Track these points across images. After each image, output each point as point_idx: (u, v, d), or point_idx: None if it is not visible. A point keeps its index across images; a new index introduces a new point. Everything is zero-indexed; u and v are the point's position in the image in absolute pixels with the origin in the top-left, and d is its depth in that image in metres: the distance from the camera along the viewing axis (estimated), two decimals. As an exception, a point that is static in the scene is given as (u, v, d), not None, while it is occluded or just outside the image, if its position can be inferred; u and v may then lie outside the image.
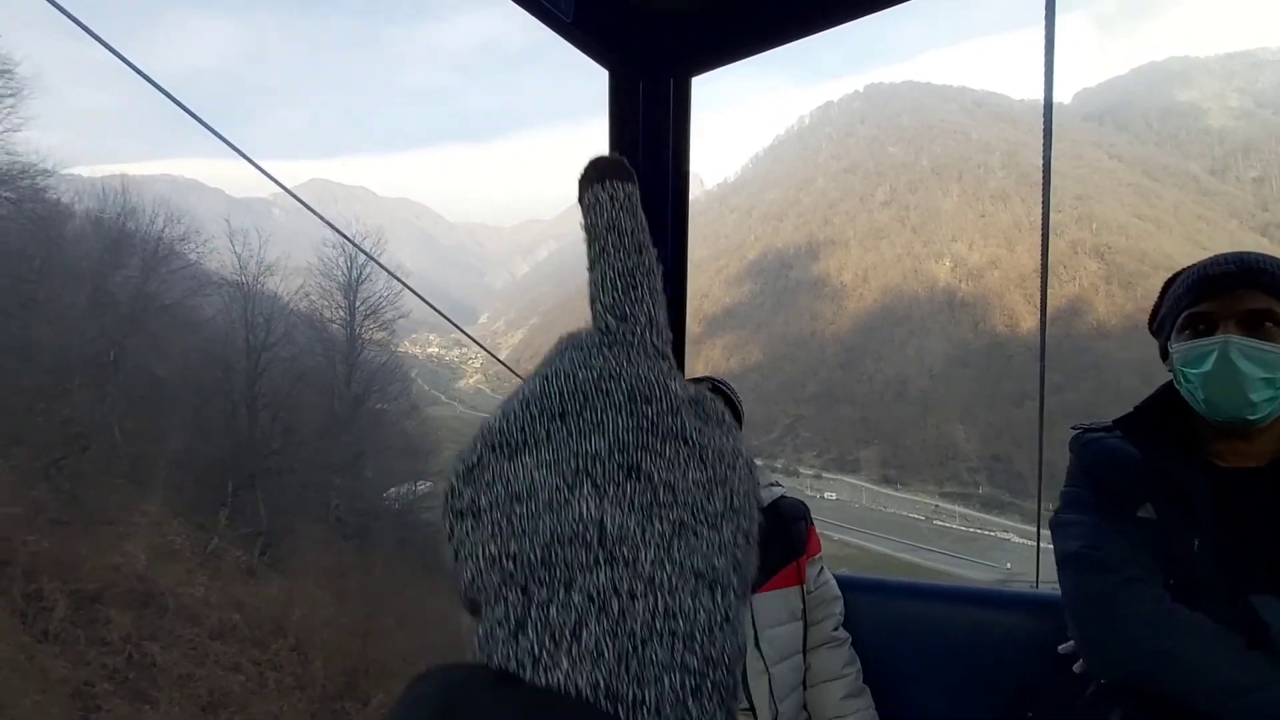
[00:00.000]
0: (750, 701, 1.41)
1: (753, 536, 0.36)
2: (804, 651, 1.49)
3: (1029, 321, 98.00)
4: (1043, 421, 1.76)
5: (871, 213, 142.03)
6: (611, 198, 0.40)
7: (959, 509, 71.39)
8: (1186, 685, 0.91)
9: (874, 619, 1.62)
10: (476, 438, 0.35)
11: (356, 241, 18.05)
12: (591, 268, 0.38)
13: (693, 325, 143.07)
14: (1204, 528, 0.99)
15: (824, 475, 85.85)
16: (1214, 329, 0.98)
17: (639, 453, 0.33)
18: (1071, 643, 1.13)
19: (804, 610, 1.49)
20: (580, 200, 0.40)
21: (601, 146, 1.66)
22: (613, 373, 0.37)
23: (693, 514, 0.31)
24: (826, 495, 75.82)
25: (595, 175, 0.42)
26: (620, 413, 0.35)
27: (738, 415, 1.49)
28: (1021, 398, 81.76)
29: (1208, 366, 0.98)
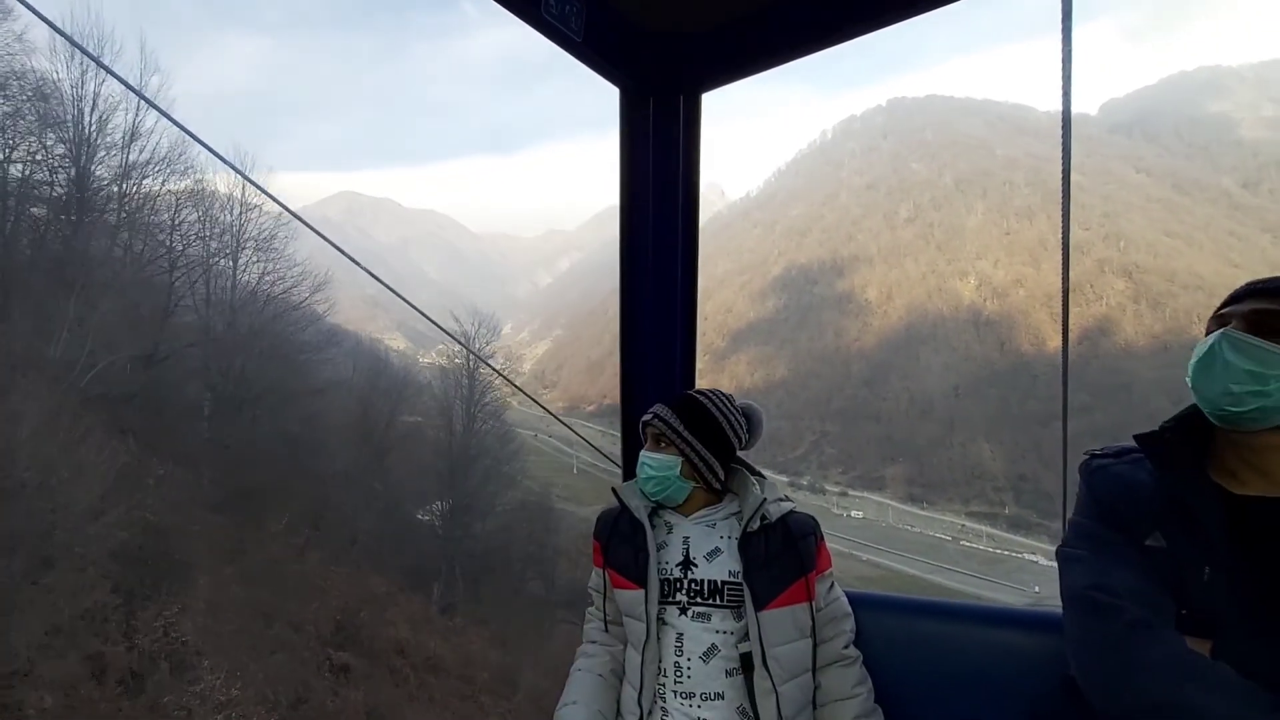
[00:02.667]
0: None
1: None
2: (813, 670, 1.46)
3: (1055, 340, 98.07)
4: (1066, 443, 1.76)
5: (895, 229, 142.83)
6: None
7: (985, 529, 72.05)
8: None
9: (883, 637, 1.63)
10: None
11: (363, 261, 20.82)
12: None
13: (717, 340, 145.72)
14: (1217, 555, 0.97)
15: (850, 493, 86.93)
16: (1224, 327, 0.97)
17: None
18: None
19: (813, 628, 1.46)
20: None
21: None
22: None
23: None
24: (853, 514, 76.96)
25: None
26: None
27: (716, 426, 1.56)
28: (1048, 417, 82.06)
29: (1200, 355, 0.99)
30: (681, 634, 1.46)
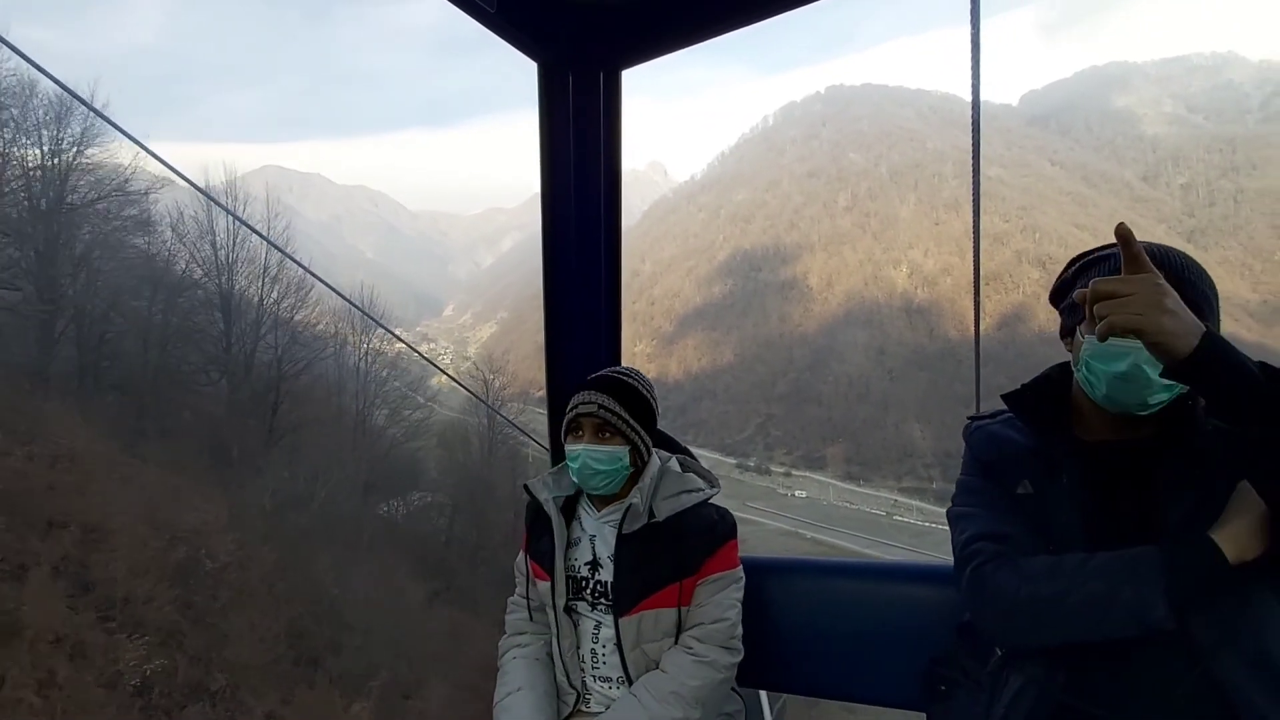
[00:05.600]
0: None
1: None
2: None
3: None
4: None
5: (834, 218, 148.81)
6: None
7: (916, 503, 78.37)
8: (1063, 620, 1.01)
9: (787, 598, 1.70)
10: None
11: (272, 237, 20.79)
12: None
13: (665, 324, 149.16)
14: (1076, 500, 1.09)
15: (793, 473, 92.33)
16: None
17: None
18: None
19: (679, 629, 1.47)
20: None
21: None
22: None
23: None
24: (797, 493, 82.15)
25: None
26: None
27: (650, 407, 1.56)
28: (972, 399, 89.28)
29: (1121, 368, 1.00)
30: (599, 624, 1.50)
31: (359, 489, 22.01)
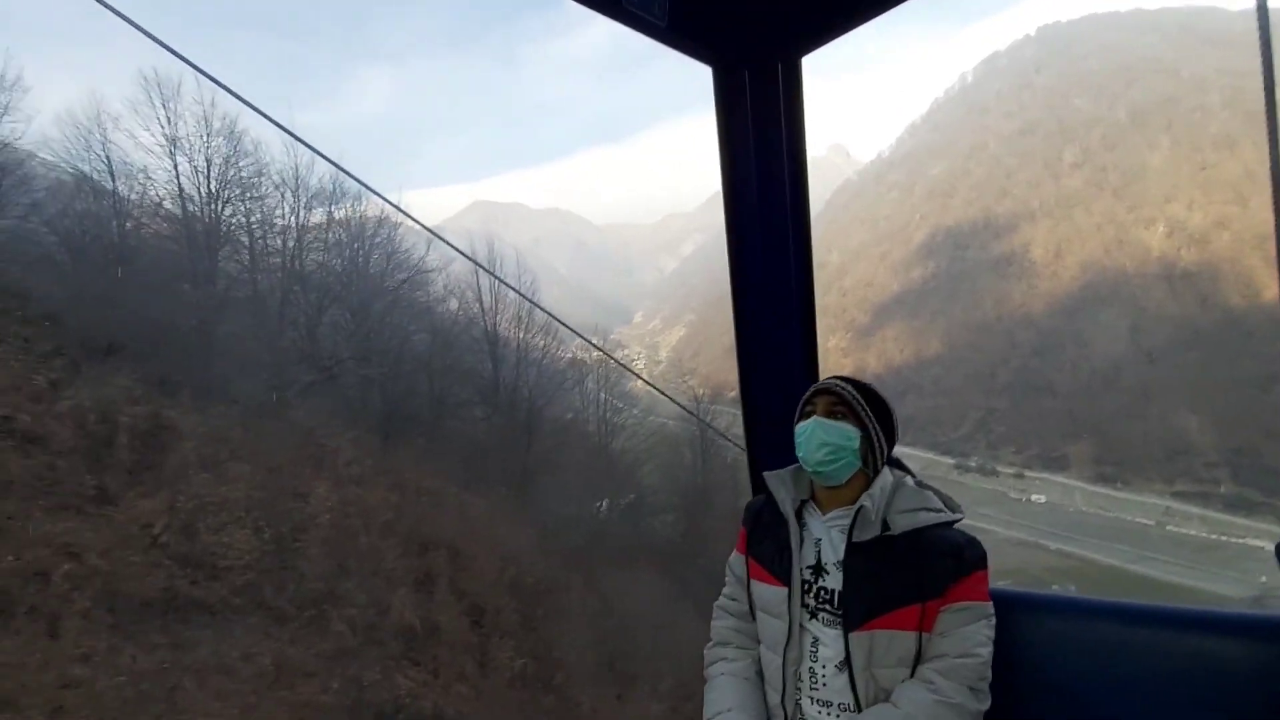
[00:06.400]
0: None
1: None
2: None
3: (1272, 289, 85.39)
4: None
5: (1059, 178, 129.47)
6: None
7: (1197, 510, 65.50)
8: None
9: (1045, 641, 1.45)
10: None
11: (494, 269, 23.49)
12: None
13: (859, 315, 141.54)
14: None
15: (1026, 474, 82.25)
16: None
17: None
18: None
19: (918, 659, 1.29)
20: None
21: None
22: None
23: None
24: (1035, 498, 73.14)
25: None
26: None
27: (889, 413, 1.46)
28: (1269, 380, 72.41)
29: None
30: (817, 639, 1.37)
31: (613, 507, 24.76)
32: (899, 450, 1.52)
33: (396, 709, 8.00)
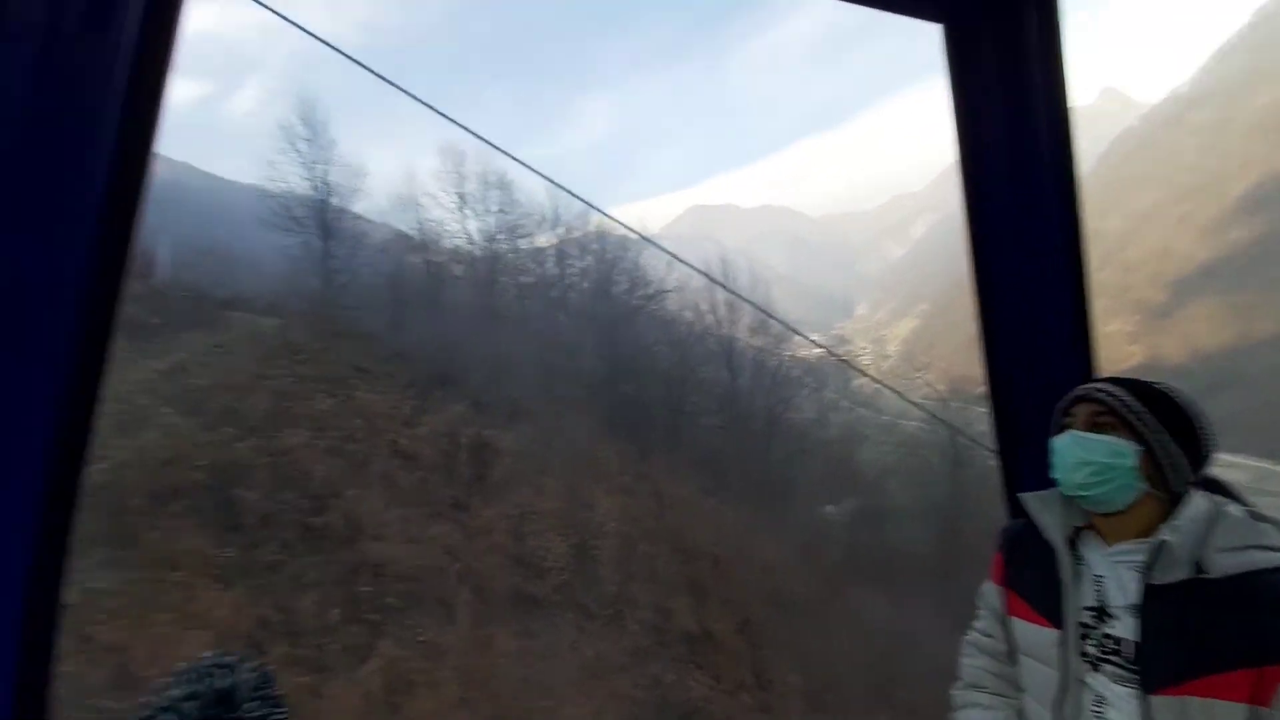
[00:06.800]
0: None
1: None
2: None
3: None
4: None
5: None
6: None
7: None
8: None
9: None
10: None
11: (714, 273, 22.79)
12: None
13: (1151, 293, 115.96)
14: None
15: None
16: None
17: None
18: None
19: None
20: None
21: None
22: None
23: None
24: None
25: None
26: None
27: (1187, 421, 1.14)
28: None
29: None
30: (1102, 698, 1.12)
31: (855, 516, 23.96)
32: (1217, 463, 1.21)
33: (693, 711, 8.84)
